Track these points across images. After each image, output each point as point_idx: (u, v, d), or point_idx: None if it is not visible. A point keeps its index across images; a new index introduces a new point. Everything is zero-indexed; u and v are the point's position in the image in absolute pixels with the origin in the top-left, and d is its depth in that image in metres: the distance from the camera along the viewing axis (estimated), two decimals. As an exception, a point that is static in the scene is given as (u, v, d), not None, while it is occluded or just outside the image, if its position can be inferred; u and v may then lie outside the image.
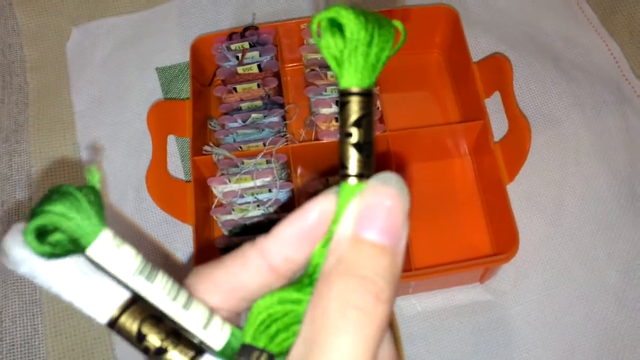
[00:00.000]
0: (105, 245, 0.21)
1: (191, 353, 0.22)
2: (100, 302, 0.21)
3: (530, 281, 0.58)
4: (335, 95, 0.62)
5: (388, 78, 0.67)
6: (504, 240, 0.57)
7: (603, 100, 0.67)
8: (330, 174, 0.62)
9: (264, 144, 0.59)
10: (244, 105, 0.62)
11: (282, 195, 0.58)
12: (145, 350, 0.22)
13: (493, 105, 0.63)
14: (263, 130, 0.60)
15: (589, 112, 0.66)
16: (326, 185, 0.62)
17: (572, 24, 0.72)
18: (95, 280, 0.21)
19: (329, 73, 0.62)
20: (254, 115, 0.61)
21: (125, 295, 0.22)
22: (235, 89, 0.62)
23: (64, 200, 0.20)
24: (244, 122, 0.61)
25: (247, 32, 0.64)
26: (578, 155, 0.64)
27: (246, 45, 0.63)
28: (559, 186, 0.62)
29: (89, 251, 0.21)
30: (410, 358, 0.55)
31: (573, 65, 0.69)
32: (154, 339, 0.21)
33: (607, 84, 0.68)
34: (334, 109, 0.61)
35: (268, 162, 0.58)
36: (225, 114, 0.62)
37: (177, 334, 0.22)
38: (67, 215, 0.20)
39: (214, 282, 0.24)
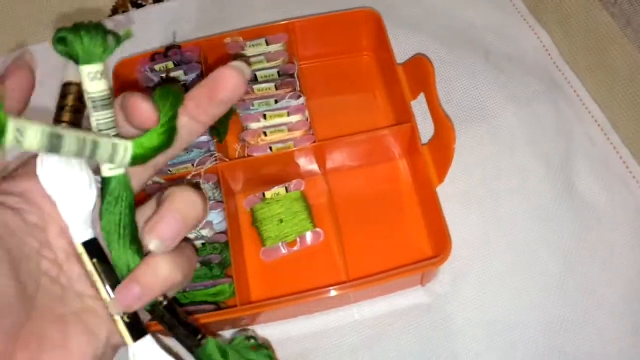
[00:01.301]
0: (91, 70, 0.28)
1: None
2: None
3: (471, 280, 0.58)
4: (263, 109, 0.61)
5: (318, 84, 0.66)
6: (440, 243, 0.56)
7: (535, 90, 0.67)
8: (266, 189, 0.61)
9: (193, 165, 0.58)
10: (171, 126, 0.61)
11: (213, 216, 0.57)
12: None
13: (424, 105, 0.63)
14: (192, 151, 0.59)
15: (521, 104, 0.66)
16: (263, 199, 0.61)
17: (501, 16, 0.72)
18: None
19: (256, 87, 0.62)
20: (182, 136, 0.60)
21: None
22: (161, 110, 0.61)
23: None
24: (172, 144, 0.60)
25: (170, 52, 0.63)
26: (512, 148, 0.64)
27: (170, 65, 0.62)
28: (495, 181, 0.62)
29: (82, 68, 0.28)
30: (354, 369, 0.55)
31: (504, 57, 0.69)
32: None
33: (538, 73, 0.68)
34: (263, 123, 0.60)
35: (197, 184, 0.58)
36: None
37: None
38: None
39: None
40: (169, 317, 0.30)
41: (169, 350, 0.29)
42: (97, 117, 0.28)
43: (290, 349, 0.56)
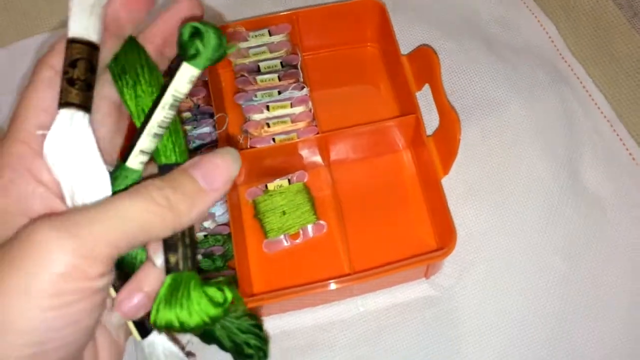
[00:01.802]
0: None
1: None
2: None
3: (475, 272, 0.58)
4: (266, 100, 0.60)
5: (321, 75, 0.66)
6: (444, 235, 0.56)
7: (540, 82, 0.66)
8: (269, 180, 0.61)
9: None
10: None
11: (216, 208, 0.57)
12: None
13: (429, 96, 0.62)
14: (194, 142, 0.59)
15: (526, 95, 0.65)
16: (265, 191, 0.61)
17: (506, 6, 0.71)
18: None
19: (259, 78, 0.61)
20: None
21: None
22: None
23: None
24: (174, 135, 0.60)
25: (171, 42, 0.62)
26: (517, 139, 0.63)
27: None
28: (499, 173, 0.62)
29: None
30: (358, 359, 0.55)
31: (509, 47, 0.69)
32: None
33: (544, 64, 0.67)
34: (266, 114, 0.60)
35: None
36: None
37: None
38: None
39: None
40: None
41: (173, 339, 0.29)
42: (165, 115, 0.27)
43: (293, 341, 0.56)
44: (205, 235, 0.56)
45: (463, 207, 0.60)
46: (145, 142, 0.27)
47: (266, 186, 0.61)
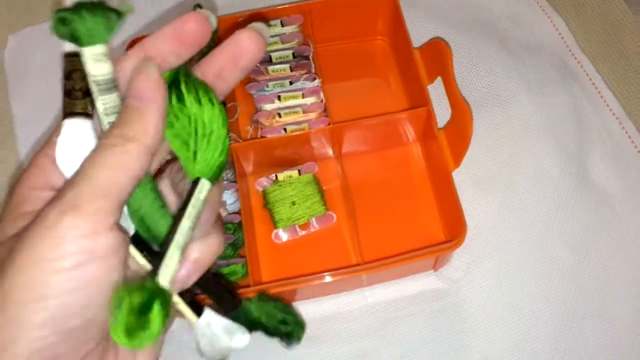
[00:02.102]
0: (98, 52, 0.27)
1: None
2: None
3: (484, 265, 0.58)
4: (277, 90, 0.60)
5: (332, 68, 0.66)
6: (454, 228, 0.56)
7: (550, 78, 0.66)
8: (278, 171, 0.61)
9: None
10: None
11: (227, 196, 0.57)
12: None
13: (440, 89, 0.62)
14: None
15: (535, 91, 0.65)
16: (275, 182, 0.61)
17: (516, 2, 0.71)
18: None
19: (270, 68, 0.61)
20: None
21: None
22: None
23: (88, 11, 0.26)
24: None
25: (184, 31, 0.62)
26: (526, 134, 0.63)
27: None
28: (509, 167, 0.62)
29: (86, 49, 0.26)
30: (365, 351, 0.55)
31: (519, 43, 0.69)
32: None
33: (553, 60, 0.67)
34: (277, 104, 0.60)
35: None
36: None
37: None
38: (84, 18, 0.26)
39: None
40: (213, 282, 0.31)
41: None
42: (104, 101, 0.27)
43: (302, 330, 0.56)
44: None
45: (471, 200, 0.60)
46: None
47: (276, 176, 0.61)
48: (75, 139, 0.27)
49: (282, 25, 0.63)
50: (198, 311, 0.30)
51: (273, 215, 0.60)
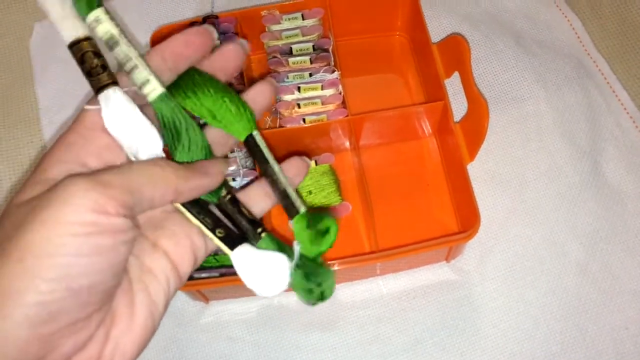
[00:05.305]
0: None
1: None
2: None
3: (495, 258, 0.59)
4: (297, 81, 0.62)
5: (351, 62, 0.67)
6: (467, 219, 0.57)
7: (565, 76, 0.67)
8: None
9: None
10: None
11: (246, 183, 0.58)
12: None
13: (455, 85, 0.63)
14: (226, 119, 0.60)
15: (551, 89, 0.66)
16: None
17: (533, 0, 0.72)
18: None
19: (291, 60, 0.62)
20: (216, 104, 0.61)
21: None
22: (197, 79, 0.62)
23: None
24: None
25: (206, 22, 0.64)
26: (540, 131, 0.64)
27: (207, 34, 0.63)
28: (522, 163, 0.63)
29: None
30: (377, 339, 0.56)
31: (535, 41, 0.70)
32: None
33: (569, 59, 0.68)
34: (296, 95, 0.61)
35: (232, 151, 0.59)
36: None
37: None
38: None
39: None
40: (232, 208, 0.33)
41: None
42: (116, 54, 0.31)
43: (314, 316, 0.57)
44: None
45: (484, 195, 0.61)
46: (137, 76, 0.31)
47: (293, 166, 0.62)
48: (114, 106, 0.30)
49: (303, 19, 0.64)
50: (232, 244, 0.32)
51: (290, 204, 0.61)
